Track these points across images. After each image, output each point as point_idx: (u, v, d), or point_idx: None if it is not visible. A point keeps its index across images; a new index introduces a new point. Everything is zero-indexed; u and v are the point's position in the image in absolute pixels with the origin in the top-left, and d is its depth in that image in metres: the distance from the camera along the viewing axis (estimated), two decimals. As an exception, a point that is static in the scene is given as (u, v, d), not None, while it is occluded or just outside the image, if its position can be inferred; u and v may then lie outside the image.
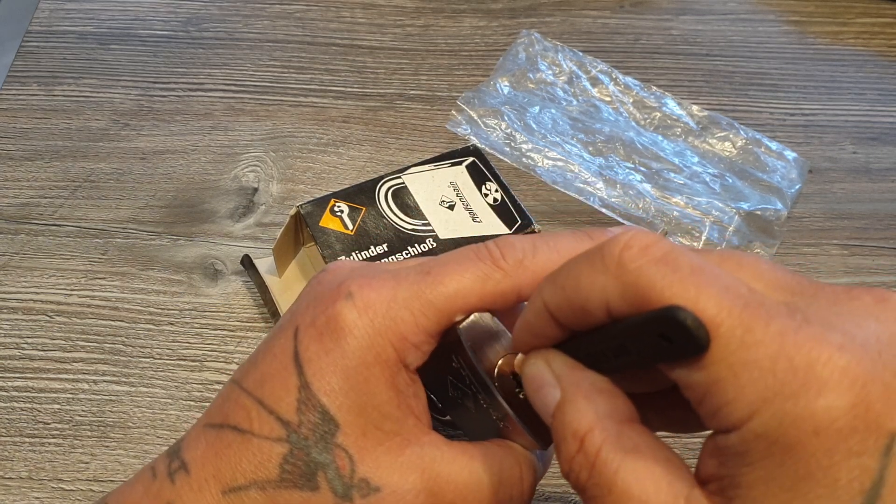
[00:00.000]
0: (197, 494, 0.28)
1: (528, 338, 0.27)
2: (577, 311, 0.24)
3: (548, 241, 0.29)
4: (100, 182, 0.57)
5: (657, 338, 0.22)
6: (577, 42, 0.68)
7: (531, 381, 0.27)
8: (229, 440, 0.28)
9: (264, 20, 0.68)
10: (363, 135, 0.61)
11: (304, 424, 0.27)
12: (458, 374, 0.29)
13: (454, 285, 0.28)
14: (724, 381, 0.21)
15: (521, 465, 0.29)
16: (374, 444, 0.28)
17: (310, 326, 0.28)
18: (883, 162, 0.61)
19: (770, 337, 0.21)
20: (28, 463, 0.45)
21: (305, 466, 0.27)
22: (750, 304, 0.21)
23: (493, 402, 0.28)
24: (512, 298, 0.28)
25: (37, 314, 0.51)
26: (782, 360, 0.21)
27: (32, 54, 0.65)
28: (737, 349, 0.21)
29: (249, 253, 0.52)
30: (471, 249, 0.29)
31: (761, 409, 0.21)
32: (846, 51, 0.69)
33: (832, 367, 0.20)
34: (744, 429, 0.21)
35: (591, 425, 0.24)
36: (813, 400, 0.20)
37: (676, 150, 0.61)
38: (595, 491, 0.24)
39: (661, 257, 0.22)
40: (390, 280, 0.29)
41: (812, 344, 0.21)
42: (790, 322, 0.21)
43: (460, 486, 0.28)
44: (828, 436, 0.20)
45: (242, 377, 0.29)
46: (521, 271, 0.28)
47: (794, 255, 0.56)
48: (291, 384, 0.28)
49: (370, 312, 0.28)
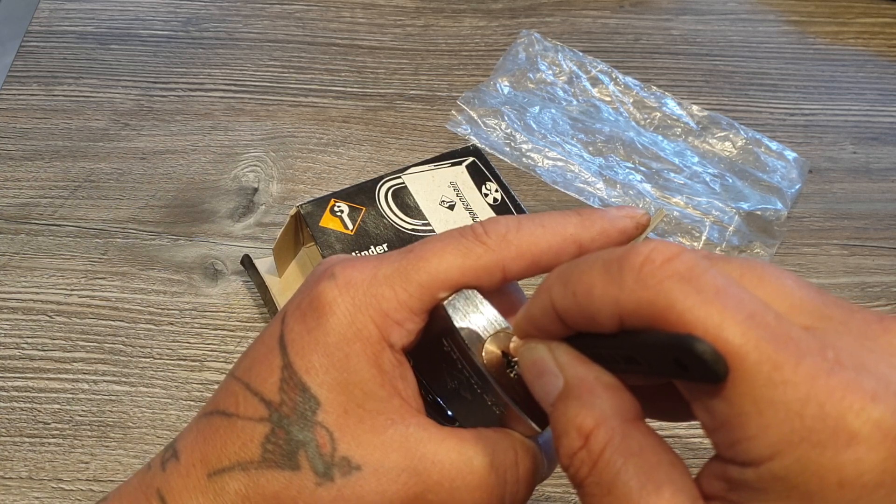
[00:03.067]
0: (184, 479, 0.28)
1: (531, 330, 0.27)
2: (586, 318, 0.24)
3: (533, 217, 0.28)
4: (100, 182, 0.57)
5: (671, 361, 0.21)
6: (577, 42, 0.68)
7: (531, 367, 0.26)
8: (217, 425, 0.28)
9: (264, 20, 0.68)
10: (363, 135, 0.61)
11: (285, 403, 0.27)
12: (449, 359, 0.29)
13: (435, 261, 0.28)
14: (747, 416, 0.21)
15: (517, 450, 0.28)
16: (356, 422, 0.27)
17: (296, 310, 0.29)
18: (883, 162, 0.61)
19: (800, 378, 0.20)
20: (28, 463, 0.45)
21: (286, 445, 0.27)
22: (778, 336, 0.21)
23: (485, 384, 0.28)
24: (496, 274, 0.28)
25: (37, 314, 0.51)
26: (812, 406, 0.20)
27: (32, 54, 0.65)
28: (763, 386, 0.20)
29: (249, 253, 0.52)
30: (455, 229, 0.29)
31: (785, 451, 0.20)
32: (846, 51, 0.69)
33: (864, 418, 0.20)
34: (762, 467, 0.21)
35: (596, 422, 0.24)
36: (842, 451, 0.20)
37: (676, 150, 0.61)
38: (594, 489, 0.23)
39: (685, 273, 0.21)
40: (373, 260, 0.29)
41: (845, 392, 0.20)
42: (822, 363, 0.20)
43: (447, 467, 0.27)
44: (852, 489, 0.20)
45: (235, 367, 0.30)
46: (504, 245, 0.28)
47: (794, 255, 0.56)
48: (275, 365, 0.28)
49: (351, 290, 0.28)
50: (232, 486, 0.27)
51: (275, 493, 0.27)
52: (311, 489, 0.27)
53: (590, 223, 0.28)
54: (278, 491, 0.27)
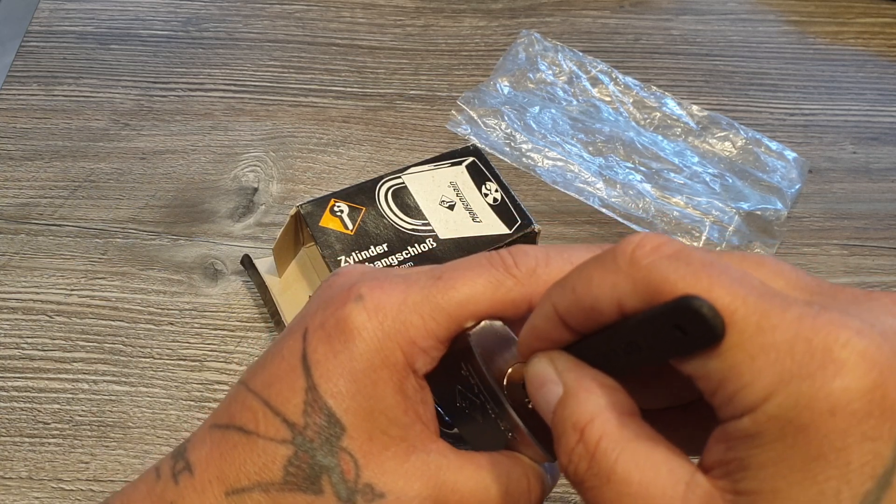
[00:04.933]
0: (200, 496, 0.28)
1: (534, 342, 0.27)
2: (588, 312, 0.24)
3: (561, 252, 0.29)
4: (100, 182, 0.57)
5: (671, 330, 0.22)
6: (577, 42, 0.68)
7: (534, 380, 0.27)
8: (234, 441, 0.28)
9: (264, 20, 0.68)
10: (363, 135, 0.61)
11: (309, 427, 0.27)
12: (466, 383, 0.29)
13: (466, 290, 0.28)
14: (741, 365, 0.21)
15: (530, 477, 0.29)
16: (380, 449, 0.27)
17: (319, 328, 0.28)
18: (883, 162, 0.61)
19: (787, 321, 0.21)
20: (28, 463, 0.45)
21: (310, 469, 0.27)
22: (764, 294, 0.22)
23: (502, 411, 0.28)
24: (523, 307, 0.28)
25: (37, 314, 0.51)
26: (800, 343, 0.21)
27: (32, 54, 0.65)
28: (753, 334, 0.21)
29: (249, 253, 0.52)
30: (483, 256, 0.29)
31: (777, 390, 0.21)
32: (846, 51, 0.69)
33: (850, 349, 0.20)
34: (758, 411, 0.21)
35: (591, 416, 0.24)
36: (830, 380, 0.20)
37: (676, 150, 0.61)
38: (594, 481, 0.24)
39: (673, 253, 0.23)
40: (401, 284, 0.28)
41: (830, 327, 0.21)
42: (808, 309, 0.21)
43: (466, 496, 0.28)
44: (843, 417, 0.20)
45: (250, 378, 0.29)
46: (533, 280, 0.28)
47: (794, 255, 0.56)
48: (298, 386, 0.28)
49: (380, 315, 0.28)
50: None
51: None
52: None
53: None
54: None
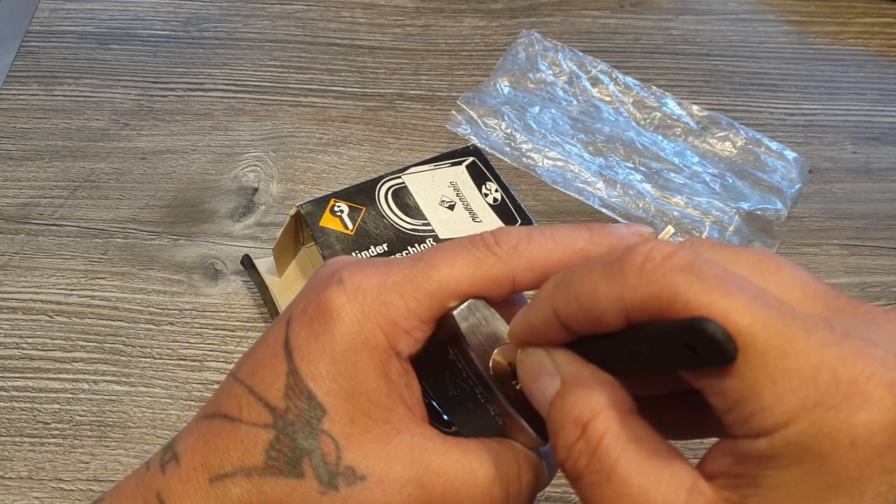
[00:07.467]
0: (185, 483, 0.28)
1: (531, 340, 0.27)
2: (591, 320, 0.24)
3: (544, 230, 0.28)
4: (100, 182, 0.57)
5: (680, 347, 0.22)
6: (577, 42, 0.68)
7: (529, 370, 0.26)
8: (219, 429, 0.28)
9: (264, 20, 0.68)
10: (363, 135, 0.61)
11: (290, 410, 0.27)
12: (454, 368, 0.29)
13: (446, 270, 0.28)
14: (761, 387, 0.21)
15: (520, 462, 0.28)
16: (362, 432, 0.27)
17: (301, 314, 0.28)
18: (883, 162, 0.61)
19: (811, 347, 0.21)
20: (28, 463, 0.45)
21: (291, 452, 0.27)
22: (785, 314, 0.21)
23: (490, 394, 0.28)
24: (506, 285, 0.28)
25: (37, 314, 0.51)
26: (825, 371, 0.21)
27: (32, 54, 0.65)
28: (776, 358, 0.21)
29: (249, 253, 0.52)
30: (465, 238, 0.29)
31: (799, 416, 0.21)
32: (846, 51, 0.69)
33: (876, 382, 0.20)
34: (776, 435, 0.21)
35: (593, 412, 0.24)
36: (854, 412, 0.20)
37: (676, 150, 0.61)
38: (593, 478, 0.24)
39: (686, 265, 0.22)
40: (382, 267, 0.28)
41: (856, 358, 0.21)
42: (831, 335, 0.21)
43: (452, 479, 0.27)
44: (864, 449, 0.20)
45: (238, 368, 0.29)
46: (515, 257, 0.28)
47: (794, 255, 0.56)
48: (280, 370, 0.28)
49: (359, 297, 0.27)
50: (234, 491, 0.27)
51: (278, 500, 0.27)
52: (315, 498, 0.27)
53: (599, 238, 0.28)
54: (281, 498, 0.27)
